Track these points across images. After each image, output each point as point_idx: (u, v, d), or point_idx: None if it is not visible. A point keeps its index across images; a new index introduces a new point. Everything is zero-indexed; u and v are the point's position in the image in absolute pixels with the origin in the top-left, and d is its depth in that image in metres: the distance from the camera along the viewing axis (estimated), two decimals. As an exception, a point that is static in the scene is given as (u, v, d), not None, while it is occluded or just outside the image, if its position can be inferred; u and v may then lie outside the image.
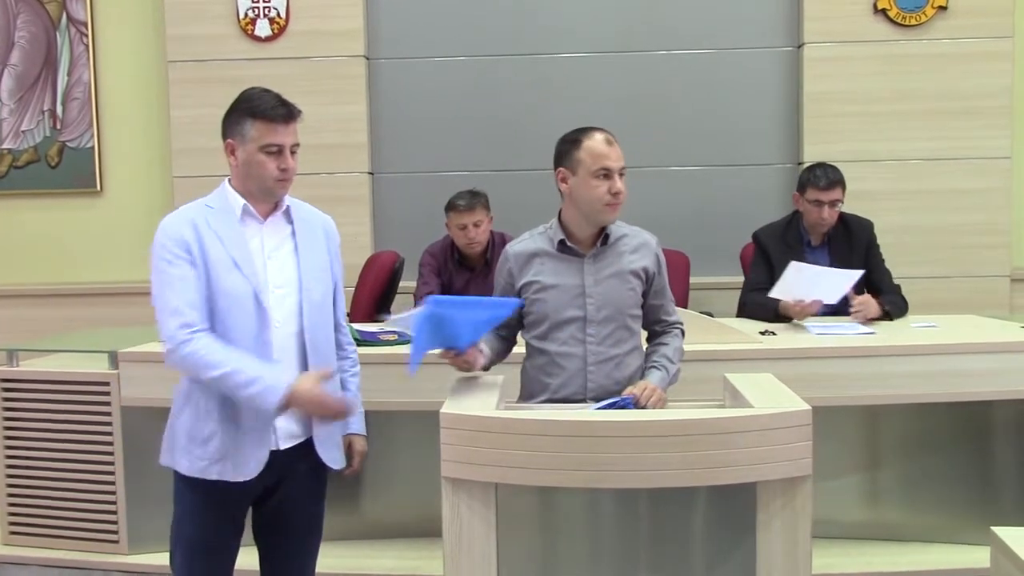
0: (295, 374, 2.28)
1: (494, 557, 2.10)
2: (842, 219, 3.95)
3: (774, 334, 3.55)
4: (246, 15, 4.89)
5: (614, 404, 2.35)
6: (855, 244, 3.95)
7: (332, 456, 2.44)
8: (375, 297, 4.47)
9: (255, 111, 2.30)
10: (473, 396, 2.33)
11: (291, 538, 2.47)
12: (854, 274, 3.69)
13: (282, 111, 2.31)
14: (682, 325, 2.73)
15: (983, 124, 4.76)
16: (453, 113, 5.01)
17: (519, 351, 2.70)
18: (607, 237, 2.56)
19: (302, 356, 2.35)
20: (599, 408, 2.34)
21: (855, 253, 3.94)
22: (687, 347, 2.72)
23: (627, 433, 2.03)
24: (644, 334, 2.71)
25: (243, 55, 4.90)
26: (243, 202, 2.35)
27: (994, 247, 4.81)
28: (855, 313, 3.69)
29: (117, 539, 3.58)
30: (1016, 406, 3.38)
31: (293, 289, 2.36)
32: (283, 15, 4.89)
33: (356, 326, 3.52)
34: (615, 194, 2.48)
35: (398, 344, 3.39)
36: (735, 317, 3.99)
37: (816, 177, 3.86)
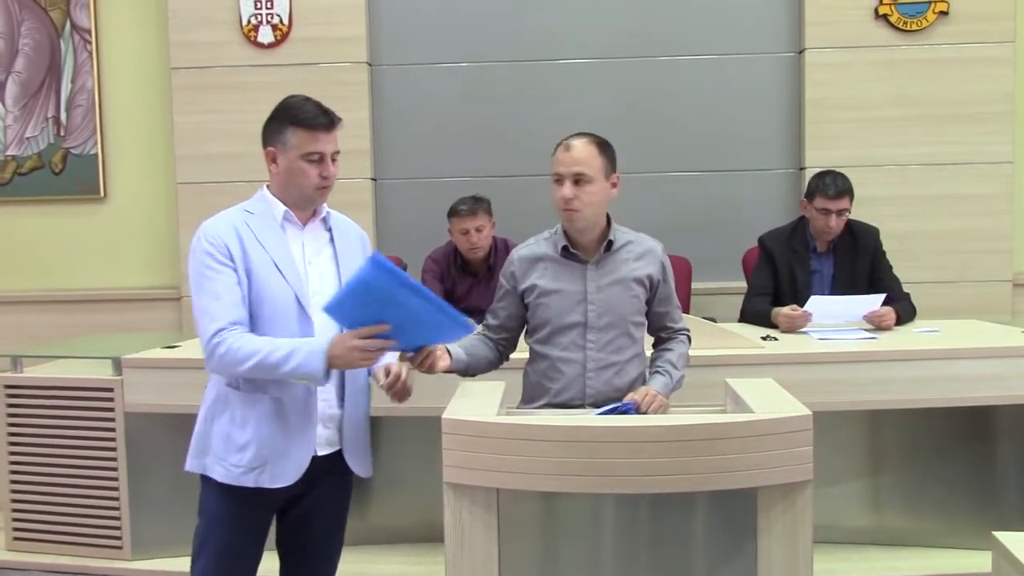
0: (328, 337, 2.23)
1: (496, 562, 2.10)
2: (848, 226, 3.95)
3: (776, 339, 3.56)
4: (249, 22, 4.90)
5: (615, 410, 2.36)
6: (861, 251, 3.95)
7: (360, 464, 2.44)
8: (378, 303, 4.47)
9: (297, 119, 2.31)
10: (475, 401, 2.33)
11: (313, 546, 2.47)
12: (876, 299, 3.71)
13: (323, 119, 2.33)
14: (688, 332, 2.74)
15: (985, 129, 4.76)
16: (455, 119, 5.02)
17: (520, 355, 2.71)
18: (610, 244, 2.56)
19: None
20: (600, 414, 2.35)
21: (860, 260, 3.94)
22: (691, 352, 2.73)
23: (628, 438, 2.03)
24: (650, 340, 2.72)
25: (246, 61, 4.91)
26: (284, 208, 2.37)
27: (996, 252, 4.80)
28: (872, 321, 3.71)
29: (120, 545, 3.59)
30: (1018, 411, 3.38)
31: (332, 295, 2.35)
32: (286, 22, 4.90)
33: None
34: (562, 199, 2.49)
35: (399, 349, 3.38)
36: (737, 322, 4.00)
37: (825, 185, 3.85)
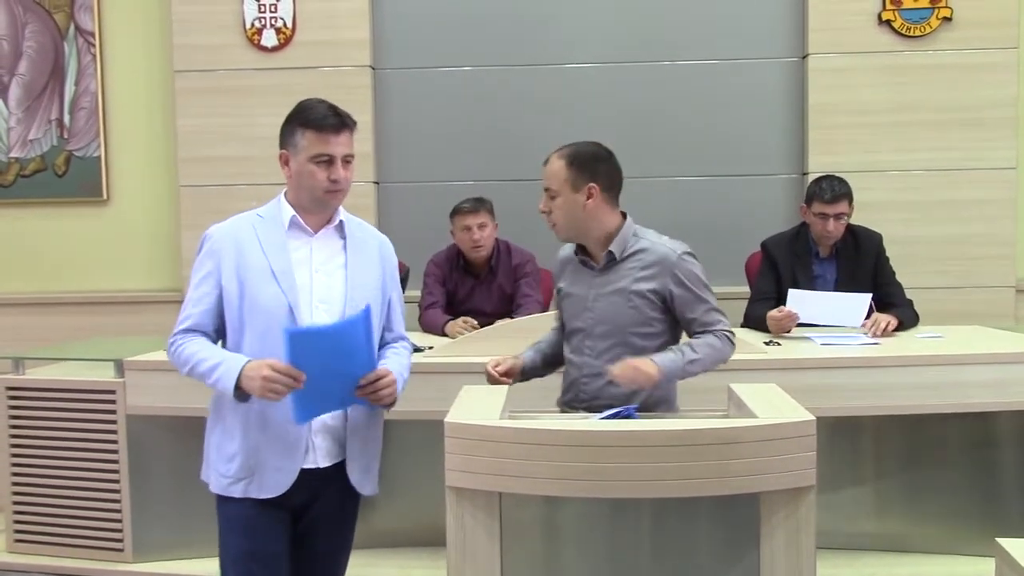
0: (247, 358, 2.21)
1: (498, 567, 2.10)
2: (851, 231, 3.94)
3: (779, 344, 3.55)
4: (252, 25, 4.91)
5: (618, 414, 2.35)
6: (863, 256, 3.94)
7: (361, 481, 2.39)
8: (380, 306, 4.46)
9: (307, 121, 2.27)
10: (478, 405, 2.33)
11: (317, 561, 2.43)
12: (864, 298, 3.70)
13: (333, 120, 2.27)
14: (730, 333, 2.56)
15: (988, 135, 4.75)
16: (458, 123, 5.02)
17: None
18: (612, 253, 2.54)
19: None
20: (603, 418, 2.35)
21: (863, 265, 3.93)
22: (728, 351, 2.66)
23: (630, 443, 2.03)
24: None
25: (249, 65, 4.91)
26: (292, 213, 2.33)
27: (999, 258, 4.79)
28: (868, 329, 3.69)
29: (122, 547, 3.59)
30: (1021, 417, 3.37)
31: (339, 304, 2.32)
32: (289, 25, 4.91)
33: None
34: (542, 211, 2.56)
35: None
36: (740, 327, 3.99)
37: (822, 190, 3.85)
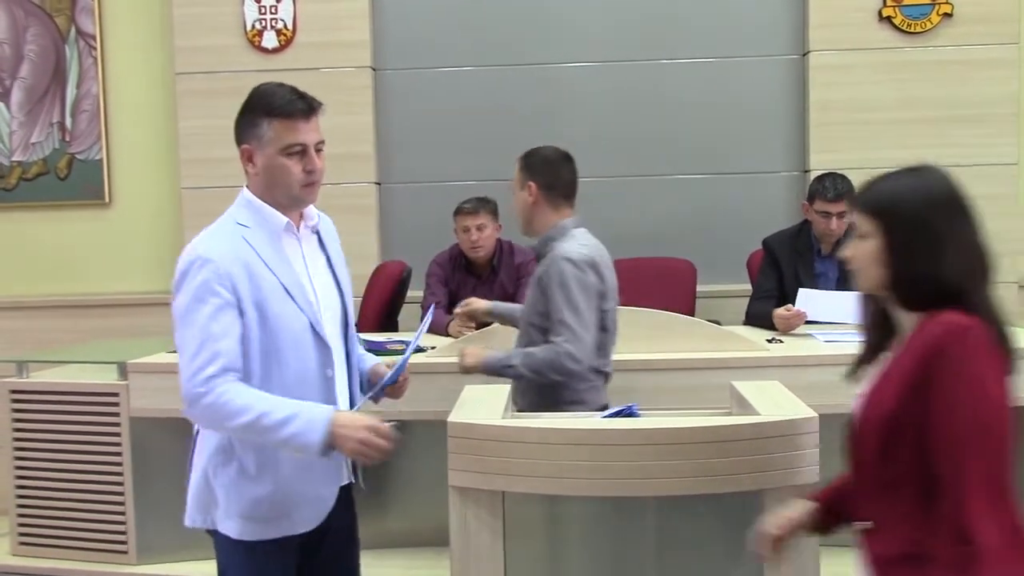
0: (333, 408, 1.99)
1: (501, 565, 2.10)
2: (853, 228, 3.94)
3: (781, 342, 3.54)
4: (253, 27, 4.91)
5: (620, 412, 2.36)
6: None
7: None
8: (382, 307, 4.47)
9: (271, 109, 2.04)
10: (480, 405, 2.33)
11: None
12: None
13: (300, 105, 2.04)
14: (563, 350, 2.56)
15: (989, 131, 4.74)
16: (459, 123, 5.02)
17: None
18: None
19: (347, 381, 2.19)
20: (605, 416, 2.35)
21: None
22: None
23: (633, 441, 2.03)
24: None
25: (250, 66, 4.91)
26: (286, 220, 2.07)
27: (1002, 254, 4.65)
28: None
29: (126, 550, 3.59)
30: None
31: (337, 308, 2.16)
32: (290, 27, 4.91)
33: (363, 336, 3.52)
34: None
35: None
36: (742, 325, 3.99)
37: (825, 188, 3.84)
